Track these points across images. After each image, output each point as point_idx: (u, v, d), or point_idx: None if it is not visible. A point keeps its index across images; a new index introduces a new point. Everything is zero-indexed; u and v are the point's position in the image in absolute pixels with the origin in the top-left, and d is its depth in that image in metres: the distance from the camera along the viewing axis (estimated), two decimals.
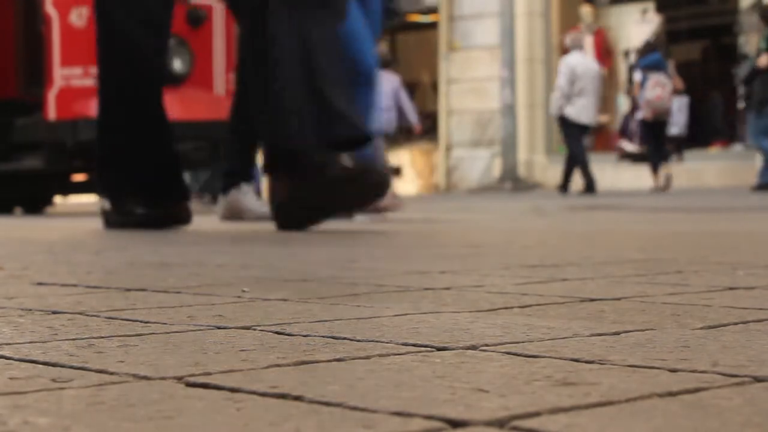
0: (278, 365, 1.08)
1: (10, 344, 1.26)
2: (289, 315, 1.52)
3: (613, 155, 16.24)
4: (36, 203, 10.97)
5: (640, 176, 14.89)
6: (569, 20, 16.92)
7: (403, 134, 16.06)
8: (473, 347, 1.19)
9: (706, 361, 1.08)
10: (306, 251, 3.13)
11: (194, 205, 11.02)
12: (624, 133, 16.30)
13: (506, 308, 1.58)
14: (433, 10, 18.98)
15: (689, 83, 15.83)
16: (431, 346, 1.20)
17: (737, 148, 15.75)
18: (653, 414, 0.83)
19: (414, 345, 1.21)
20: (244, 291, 1.89)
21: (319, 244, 3.51)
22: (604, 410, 0.85)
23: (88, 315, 1.55)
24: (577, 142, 13.30)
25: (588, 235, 3.89)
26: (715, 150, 16.15)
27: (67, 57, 9.24)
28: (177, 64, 9.31)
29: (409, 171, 18.64)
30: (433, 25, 19.15)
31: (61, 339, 1.30)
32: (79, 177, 10.77)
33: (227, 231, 4.69)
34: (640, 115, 13.67)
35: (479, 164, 17.81)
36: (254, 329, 1.37)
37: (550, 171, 16.66)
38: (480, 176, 17.67)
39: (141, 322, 1.46)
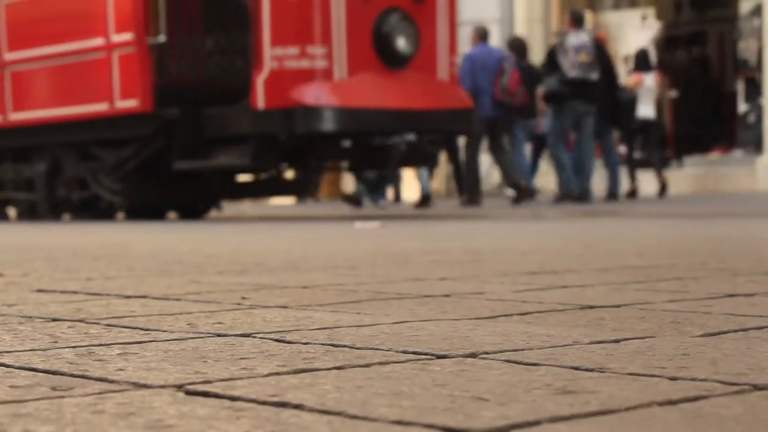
0: (278, 373, 1.08)
1: (10, 352, 1.26)
2: (289, 322, 1.52)
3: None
4: (196, 207, 9.55)
5: (642, 182, 14.89)
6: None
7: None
8: (473, 355, 1.19)
9: (705, 368, 1.08)
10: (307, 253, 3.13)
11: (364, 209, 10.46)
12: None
13: (506, 316, 1.58)
14: None
15: (688, 88, 15.82)
16: (431, 354, 1.20)
17: (737, 153, 15.75)
18: (653, 422, 0.83)
19: (413, 353, 1.21)
20: (244, 298, 1.89)
21: (318, 248, 3.51)
22: (603, 419, 0.85)
23: (88, 322, 1.55)
24: (473, 143, 12.36)
25: (587, 241, 3.89)
26: (714, 155, 16.15)
27: (280, 34, 7.70)
28: (401, 43, 7.81)
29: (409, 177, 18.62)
30: None
31: (61, 347, 1.30)
32: (244, 177, 9.32)
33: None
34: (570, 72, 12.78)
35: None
36: (254, 337, 1.37)
37: (551, 176, 16.64)
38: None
39: (141, 329, 1.47)
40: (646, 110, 12.84)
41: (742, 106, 15.57)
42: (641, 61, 13.03)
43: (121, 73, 8.40)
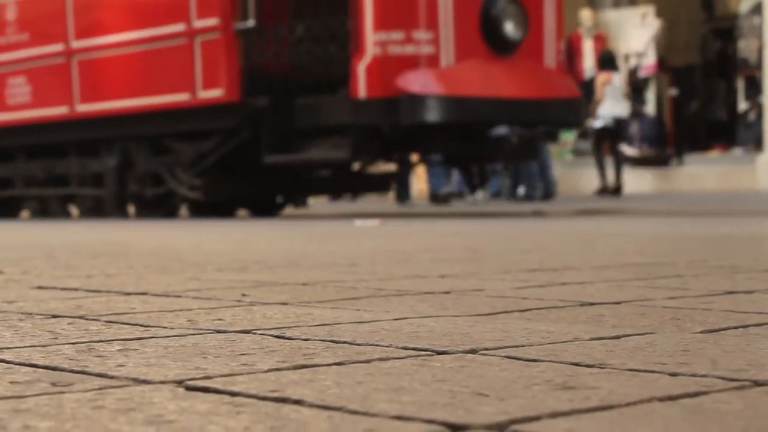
0: (278, 369, 1.08)
1: (10, 348, 1.26)
2: (289, 319, 1.52)
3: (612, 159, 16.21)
4: (271, 204, 8.94)
5: (642, 180, 14.88)
6: (569, 25, 16.91)
7: None
8: (473, 351, 1.19)
9: (706, 364, 1.08)
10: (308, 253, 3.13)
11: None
12: (624, 137, 16.28)
13: (506, 312, 1.58)
14: None
15: (688, 87, 15.82)
16: (431, 350, 1.20)
17: (737, 151, 15.75)
18: (653, 418, 0.83)
19: (414, 349, 1.21)
20: (244, 295, 1.89)
21: (319, 246, 3.51)
22: (604, 414, 0.85)
23: (88, 319, 1.55)
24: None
25: (587, 238, 3.89)
26: (714, 154, 16.15)
27: (383, 18, 7.09)
28: (509, 28, 7.29)
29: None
30: None
31: (61, 343, 1.30)
32: (324, 173, 8.70)
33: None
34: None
35: None
36: (254, 333, 1.37)
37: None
38: None
39: (141, 325, 1.47)
40: (616, 109, 12.85)
41: (742, 105, 15.57)
42: (606, 62, 13.03)
43: (205, 61, 7.84)
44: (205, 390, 0.97)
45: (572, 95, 7.66)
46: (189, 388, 0.98)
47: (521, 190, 11.86)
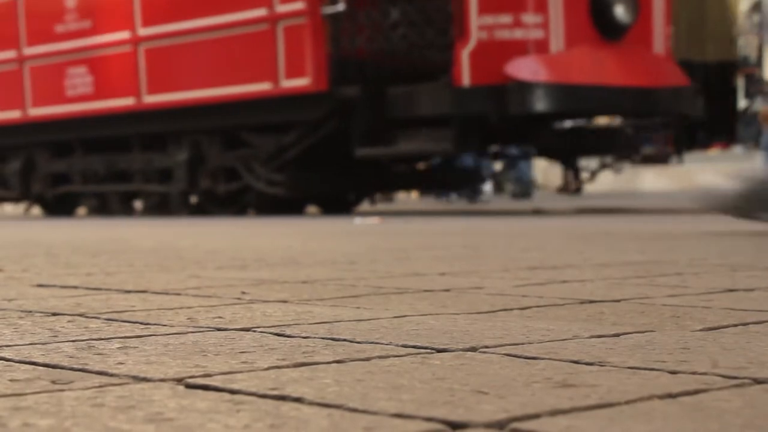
0: (278, 367, 1.08)
1: (10, 346, 1.26)
2: (288, 317, 1.52)
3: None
4: (344, 200, 8.54)
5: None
6: None
7: None
8: (473, 349, 1.19)
9: (705, 362, 1.08)
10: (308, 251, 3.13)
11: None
12: None
13: (505, 310, 1.58)
14: None
15: None
16: (431, 348, 1.20)
17: (737, 149, 15.74)
18: (653, 416, 0.83)
19: (413, 347, 1.21)
20: (243, 293, 1.89)
21: (319, 244, 3.51)
22: (603, 412, 0.85)
23: (88, 317, 1.55)
24: None
25: (587, 236, 3.89)
26: (714, 152, 16.14)
27: (489, 1, 6.70)
28: (619, 11, 6.91)
29: None
30: None
31: (61, 341, 1.30)
32: (401, 167, 8.25)
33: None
34: None
35: None
36: (254, 331, 1.37)
37: (550, 174, 16.64)
38: None
39: (141, 323, 1.47)
40: None
41: (742, 102, 15.58)
42: None
43: (289, 48, 7.34)
44: (205, 388, 0.97)
45: (682, 83, 7.25)
46: (189, 386, 0.98)
47: (509, 188, 11.86)
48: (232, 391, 0.95)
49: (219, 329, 1.40)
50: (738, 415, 0.83)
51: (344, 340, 1.28)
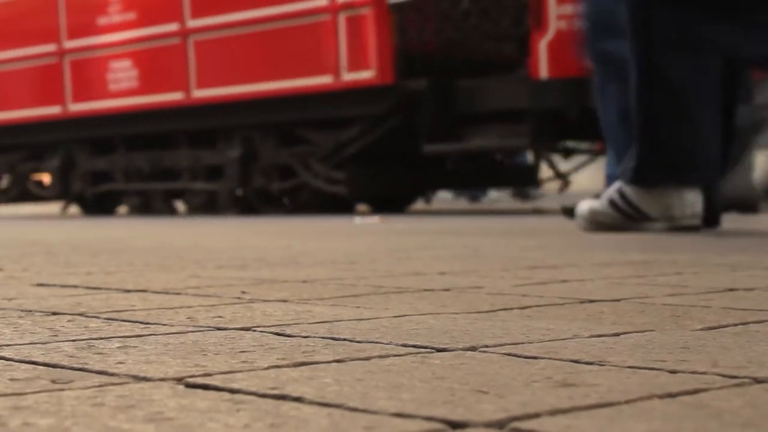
0: (278, 366, 1.08)
1: (10, 345, 1.26)
2: (288, 316, 1.52)
3: None
4: (399, 199, 8.15)
5: None
6: None
7: None
8: (472, 348, 1.19)
9: (705, 362, 1.08)
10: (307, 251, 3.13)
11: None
12: None
13: (505, 309, 1.58)
14: None
15: None
16: (431, 348, 1.20)
17: None
18: (653, 415, 0.83)
19: (413, 346, 1.21)
20: (243, 292, 1.89)
21: (318, 244, 3.51)
22: (603, 411, 0.85)
23: (88, 316, 1.55)
24: None
25: (585, 236, 3.89)
26: None
27: None
28: None
29: None
30: None
31: (61, 340, 1.30)
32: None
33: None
34: None
35: None
36: (254, 330, 1.37)
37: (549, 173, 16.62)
38: None
39: (141, 323, 1.47)
40: None
41: None
42: None
43: (351, 40, 7.00)
44: (205, 387, 0.97)
45: None
46: (189, 386, 0.98)
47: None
48: (232, 391, 0.95)
49: (219, 329, 1.40)
50: (738, 415, 0.83)
51: (344, 339, 1.28)
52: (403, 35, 7.14)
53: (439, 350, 1.18)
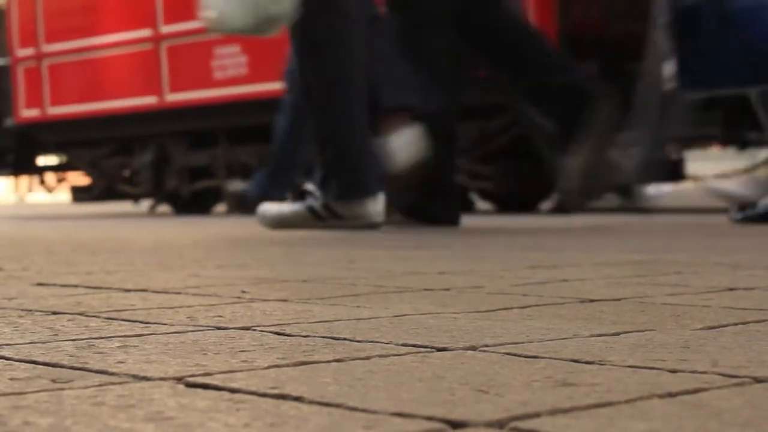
0: (278, 366, 1.08)
1: (10, 345, 1.26)
2: (288, 316, 1.52)
3: None
4: (532, 197, 7.51)
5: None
6: None
7: None
8: (473, 348, 1.19)
9: (705, 361, 1.08)
10: (306, 251, 3.13)
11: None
12: None
13: (505, 309, 1.58)
14: None
15: None
16: (431, 347, 1.20)
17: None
18: (653, 415, 0.83)
19: (413, 345, 1.21)
20: (243, 292, 1.89)
21: (319, 244, 3.51)
22: (603, 411, 0.85)
23: (88, 315, 1.55)
24: None
25: (585, 235, 3.89)
26: (715, 150, 16.14)
27: None
28: None
29: None
30: None
31: (61, 339, 1.30)
32: None
33: (228, 234, 4.69)
34: None
35: None
36: (254, 330, 1.37)
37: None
38: None
39: (141, 322, 1.47)
40: None
41: None
42: None
43: None
44: (205, 387, 0.97)
45: None
46: (189, 385, 0.98)
47: None
48: (232, 390, 0.95)
49: (219, 328, 1.40)
50: (738, 414, 0.83)
51: (344, 339, 1.28)
52: (566, 17, 6.65)
53: (439, 350, 1.18)
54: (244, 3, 4.04)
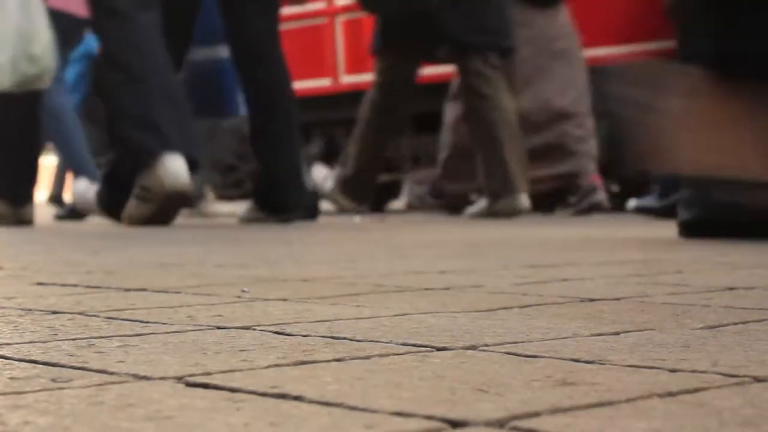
0: (278, 365, 1.08)
1: (9, 344, 1.26)
2: (288, 315, 1.52)
3: None
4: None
5: None
6: None
7: None
8: (472, 347, 1.19)
9: (705, 361, 1.08)
10: (305, 251, 3.13)
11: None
12: None
13: (505, 308, 1.58)
14: None
15: None
16: (431, 346, 1.20)
17: None
18: (653, 414, 0.83)
19: (413, 345, 1.21)
20: (243, 291, 1.89)
21: (318, 243, 3.51)
22: (603, 410, 0.85)
23: (88, 315, 1.55)
24: None
25: (586, 235, 3.89)
26: None
27: None
28: None
29: None
30: None
31: (61, 339, 1.30)
32: None
33: (227, 231, 4.68)
34: None
35: None
36: (254, 329, 1.37)
37: None
38: None
39: (141, 322, 1.47)
40: None
41: None
42: None
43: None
44: (205, 386, 0.97)
45: None
46: (189, 384, 0.98)
47: None
48: (232, 390, 0.95)
49: (219, 327, 1.40)
50: (737, 414, 0.83)
51: (344, 338, 1.28)
52: None
53: (439, 349, 1.18)
54: (1, 67, 4.74)
